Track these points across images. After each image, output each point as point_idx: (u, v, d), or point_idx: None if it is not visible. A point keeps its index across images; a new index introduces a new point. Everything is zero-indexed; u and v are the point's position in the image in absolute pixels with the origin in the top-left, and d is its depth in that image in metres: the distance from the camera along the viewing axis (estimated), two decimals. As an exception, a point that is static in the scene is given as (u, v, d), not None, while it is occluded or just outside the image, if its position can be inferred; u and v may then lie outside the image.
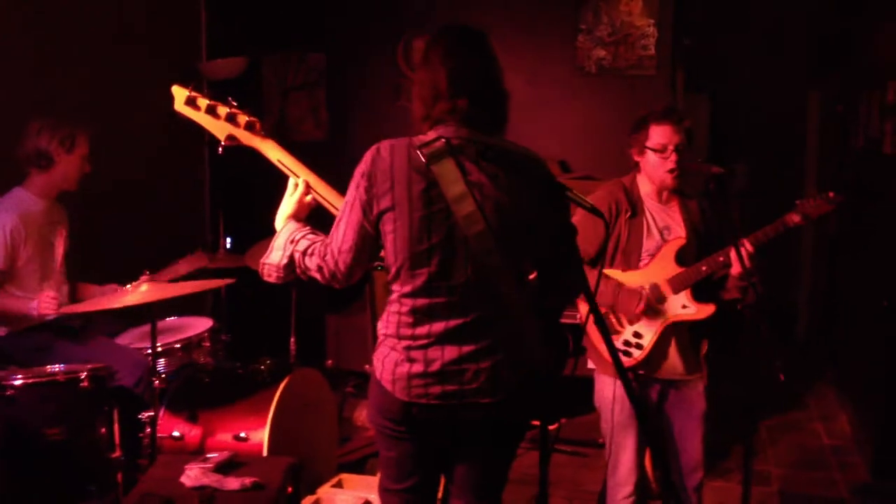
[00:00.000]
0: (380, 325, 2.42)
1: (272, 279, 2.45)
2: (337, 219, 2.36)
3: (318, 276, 2.39)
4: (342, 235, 2.32)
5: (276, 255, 2.43)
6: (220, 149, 2.68)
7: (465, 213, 2.21)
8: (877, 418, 4.85)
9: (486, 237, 2.21)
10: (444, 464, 2.53)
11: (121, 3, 5.01)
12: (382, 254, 2.38)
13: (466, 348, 2.31)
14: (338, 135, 5.88)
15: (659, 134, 3.23)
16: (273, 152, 2.59)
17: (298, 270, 2.41)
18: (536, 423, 4.61)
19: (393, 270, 2.32)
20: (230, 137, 2.60)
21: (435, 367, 2.31)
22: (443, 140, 2.25)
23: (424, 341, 2.32)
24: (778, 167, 7.37)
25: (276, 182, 2.68)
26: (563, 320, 4.47)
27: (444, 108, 2.29)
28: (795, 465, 4.94)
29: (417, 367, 2.32)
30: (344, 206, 2.34)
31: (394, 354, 2.36)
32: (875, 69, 5.25)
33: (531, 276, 2.41)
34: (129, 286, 3.50)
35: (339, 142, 5.80)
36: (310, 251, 2.38)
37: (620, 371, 2.07)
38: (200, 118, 2.60)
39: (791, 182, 7.30)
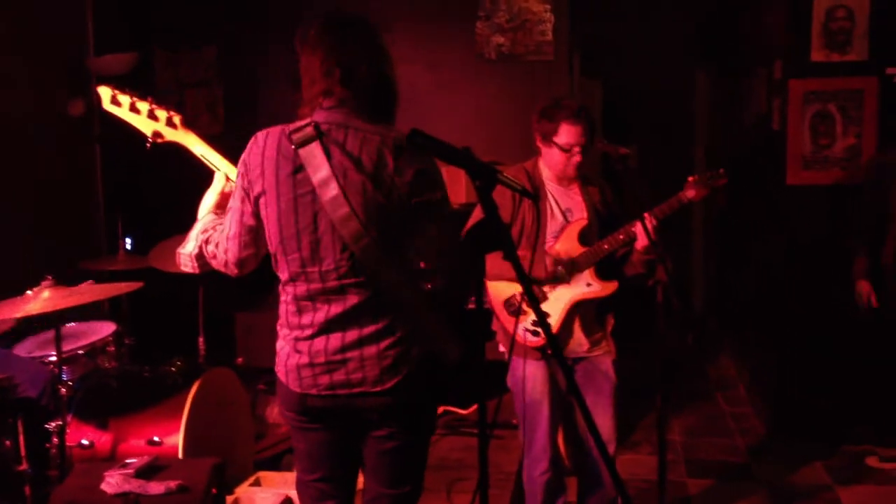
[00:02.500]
0: (278, 316, 2.44)
1: (188, 269, 2.48)
2: (227, 208, 2.40)
3: (214, 263, 2.42)
4: (228, 224, 2.37)
5: (190, 245, 2.46)
6: (148, 146, 2.61)
7: (330, 197, 2.22)
8: (771, 380, 5.06)
9: (352, 220, 2.22)
10: (354, 453, 2.51)
11: (1, -3, 4.82)
12: None
13: (350, 336, 2.30)
14: (235, 128, 5.78)
15: (568, 133, 3.27)
16: (196, 146, 2.60)
17: (206, 259, 2.44)
18: (452, 409, 4.68)
19: (272, 256, 2.34)
20: (156, 134, 2.58)
21: (320, 358, 2.31)
22: (312, 125, 2.26)
23: (309, 331, 2.31)
24: (668, 147, 7.59)
25: (177, 179, 2.66)
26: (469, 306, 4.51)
27: (319, 92, 2.30)
28: (699, 432, 5.12)
29: (304, 359, 2.32)
30: (232, 196, 2.39)
31: (286, 346, 2.37)
32: (761, 46, 5.44)
33: (422, 263, 2.40)
34: (29, 292, 3.38)
35: (237, 135, 5.67)
36: (210, 239, 2.42)
37: (553, 345, 2.10)
38: (126, 116, 2.58)
39: (681, 160, 7.51)
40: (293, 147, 2.25)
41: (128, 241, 4.78)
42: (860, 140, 4.65)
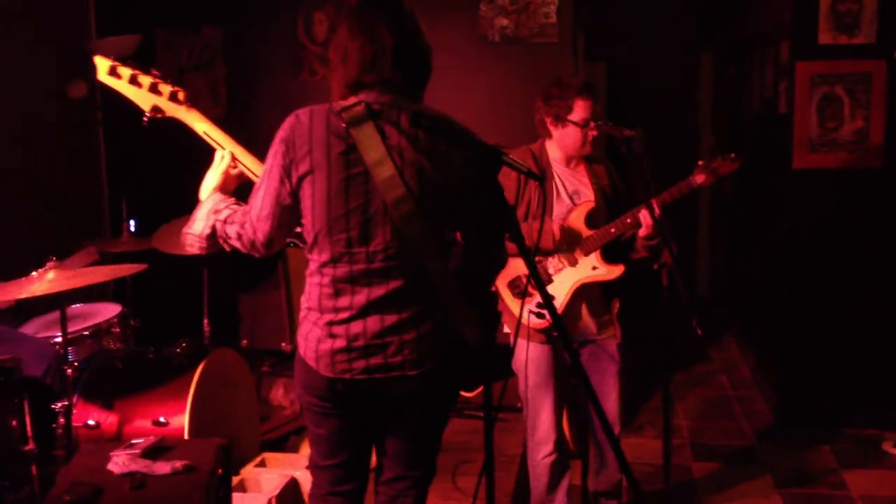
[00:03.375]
0: (302, 298, 2.39)
1: (195, 250, 2.42)
2: (256, 186, 2.33)
3: (238, 244, 2.37)
4: (260, 202, 2.30)
5: (198, 225, 2.40)
6: (145, 120, 2.56)
7: (385, 177, 2.19)
8: (777, 367, 5.05)
9: (406, 202, 2.19)
10: (374, 436, 2.53)
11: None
12: (298, 229, 2.36)
13: (389, 320, 2.28)
14: (237, 110, 5.76)
15: (583, 108, 3.27)
16: (199, 124, 2.54)
17: (220, 240, 2.39)
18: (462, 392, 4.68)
19: (311, 237, 2.28)
20: (155, 109, 2.51)
21: (358, 342, 2.28)
22: (363, 104, 2.23)
23: (346, 314, 2.28)
24: (673, 130, 7.55)
25: (181, 160, 2.63)
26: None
27: (372, 75, 2.26)
28: (704, 416, 5.11)
29: (340, 343, 2.29)
30: (263, 174, 2.31)
31: (316, 330, 2.33)
32: (767, 29, 5.41)
33: (457, 247, 2.40)
34: (34, 273, 3.37)
35: (239, 117, 5.68)
36: (230, 219, 2.36)
37: (559, 327, 2.09)
38: (124, 88, 2.51)
39: (687, 144, 7.49)
40: (344, 126, 2.21)
41: (132, 222, 4.78)
42: (868, 123, 4.63)
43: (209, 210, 2.41)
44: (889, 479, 4.22)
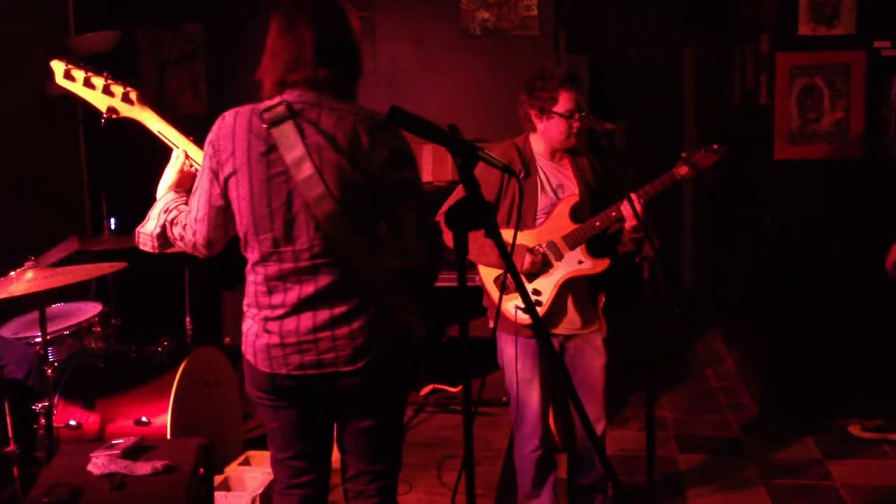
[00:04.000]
0: (245, 296, 2.42)
1: (147, 248, 2.45)
2: (193, 188, 2.36)
3: (181, 245, 2.40)
4: (196, 205, 2.33)
5: (150, 224, 2.43)
6: (102, 121, 2.59)
7: (304, 177, 2.20)
8: (764, 361, 5.06)
9: (326, 200, 2.21)
10: (329, 430, 2.53)
11: (-21, -25, 4.76)
12: None
13: (321, 316, 2.29)
14: (219, 107, 5.70)
15: (568, 99, 3.25)
16: (153, 123, 2.57)
17: (171, 239, 2.41)
18: (442, 386, 4.67)
19: (242, 237, 2.32)
20: (110, 109, 2.55)
21: (290, 339, 2.30)
22: (284, 104, 2.24)
23: (280, 311, 2.30)
24: (656, 123, 7.56)
25: (164, 157, 2.63)
26: (443, 283, 4.51)
27: (296, 74, 2.27)
28: (689, 409, 5.13)
29: (274, 339, 2.31)
30: (198, 176, 2.35)
31: (254, 326, 2.36)
32: (748, 22, 5.42)
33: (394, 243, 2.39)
34: (13, 273, 3.34)
35: (220, 114, 5.65)
36: (176, 220, 2.39)
37: (539, 327, 2.09)
38: (80, 91, 2.55)
39: (670, 137, 7.49)
40: (265, 127, 2.23)
41: (112, 220, 4.74)
42: (848, 114, 4.64)
43: (161, 209, 2.44)
44: (873, 469, 4.24)
